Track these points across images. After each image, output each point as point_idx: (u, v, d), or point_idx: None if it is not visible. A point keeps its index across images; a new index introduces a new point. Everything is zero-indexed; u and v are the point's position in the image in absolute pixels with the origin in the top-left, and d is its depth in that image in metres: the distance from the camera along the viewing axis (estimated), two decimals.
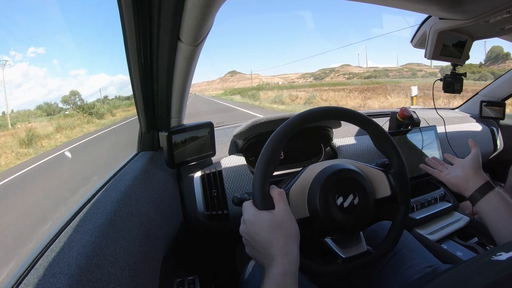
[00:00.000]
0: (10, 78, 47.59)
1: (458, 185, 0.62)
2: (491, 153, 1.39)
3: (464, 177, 0.61)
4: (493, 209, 0.54)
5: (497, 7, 0.60)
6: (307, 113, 0.52)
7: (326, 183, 0.51)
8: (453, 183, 0.64)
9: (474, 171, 0.61)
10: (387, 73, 31.44)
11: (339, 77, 37.42)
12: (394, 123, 1.10)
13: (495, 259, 0.32)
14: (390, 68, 34.50)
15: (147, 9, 0.46)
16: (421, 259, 0.60)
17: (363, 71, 36.17)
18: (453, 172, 0.65)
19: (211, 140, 0.85)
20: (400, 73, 30.79)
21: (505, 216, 0.52)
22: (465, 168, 0.62)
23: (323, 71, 42.77)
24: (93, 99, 31.90)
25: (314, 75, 42.49)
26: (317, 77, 41.00)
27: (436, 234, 0.89)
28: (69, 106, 24.64)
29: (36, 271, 0.37)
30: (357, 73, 36.21)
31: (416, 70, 30.43)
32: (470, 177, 0.60)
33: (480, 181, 0.59)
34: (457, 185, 0.62)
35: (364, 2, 0.59)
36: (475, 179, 0.59)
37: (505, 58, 21.63)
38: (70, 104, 25.73)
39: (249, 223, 0.44)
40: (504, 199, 0.55)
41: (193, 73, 0.63)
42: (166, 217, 0.71)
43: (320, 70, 43.56)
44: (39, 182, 5.14)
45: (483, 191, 0.57)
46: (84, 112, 16.76)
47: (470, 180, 0.60)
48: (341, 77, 36.84)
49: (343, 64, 44.02)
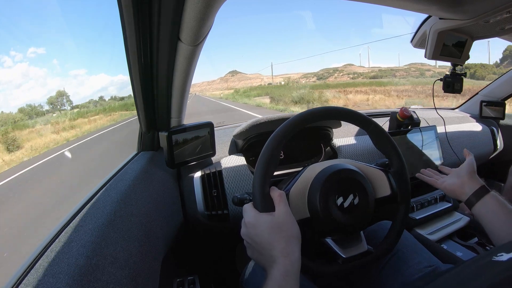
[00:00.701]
0: (10, 78, 47.55)
1: (455, 191, 0.64)
2: (491, 153, 1.39)
3: (460, 182, 0.63)
4: (490, 212, 0.55)
5: (497, 7, 0.60)
6: (307, 113, 0.52)
7: (326, 183, 0.51)
8: (449, 189, 0.66)
9: (470, 176, 0.62)
10: (394, 73, 30.51)
11: (343, 76, 36.48)
12: (394, 123, 1.10)
13: (496, 259, 0.32)
14: (396, 68, 33.26)
15: (147, 9, 0.46)
16: (421, 259, 0.60)
17: (368, 70, 35.16)
18: (449, 180, 0.67)
19: (211, 140, 0.85)
20: (408, 73, 29.74)
21: (502, 219, 0.53)
22: (461, 175, 0.64)
23: (326, 70, 41.92)
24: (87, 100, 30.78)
25: (317, 75, 41.61)
26: (320, 77, 40.17)
27: (436, 234, 0.89)
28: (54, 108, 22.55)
29: (36, 271, 0.37)
30: (361, 72, 35.21)
31: (424, 70, 29.19)
32: (466, 182, 0.62)
33: (475, 185, 0.60)
34: (453, 191, 0.64)
35: (364, 2, 0.59)
36: (471, 184, 0.61)
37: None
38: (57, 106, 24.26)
39: (250, 225, 0.44)
40: (500, 201, 0.55)
41: (193, 73, 0.63)
42: (166, 217, 0.71)
43: (323, 69, 42.76)
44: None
45: (479, 194, 0.58)
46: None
47: (466, 185, 0.61)
48: (346, 76, 35.93)
49: (346, 63, 43.10)
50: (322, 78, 39.38)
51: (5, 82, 49.12)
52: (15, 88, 53.18)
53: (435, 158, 1.12)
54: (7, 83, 49.32)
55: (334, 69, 41.57)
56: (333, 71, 40.84)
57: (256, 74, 54.73)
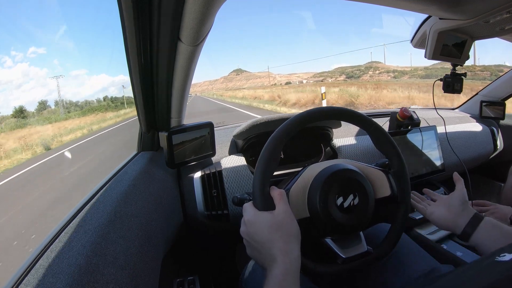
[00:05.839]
0: (10, 78, 47.46)
1: (448, 225, 0.60)
2: (491, 153, 1.39)
3: (452, 215, 0.59)
4: (487, 238, 0.53)
5: (497, 7, 0.60)
6: (307, 113, 0.52)
7: (326, 183, 0.51)
8: (439, 223, 0.61)
9: (462, 208, 0.59)
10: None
11: (381, 75, 32.74)
12: (394, 123, 1.10)
13: (499, 260, 0.32)
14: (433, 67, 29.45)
15: (147, 9, 0.46)
16: (419, 260, 0.60)
17: (410, 69, 30.50)
18: (438, 211, 0.62)
19: (211, 140, 0.85)
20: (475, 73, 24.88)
21: (500, 241, 0.51)
22: (452, 206, 0.60)
23: (357, 68, 38.96)
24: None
25: (346, 73, 38.66)
26: (350, 75, 37.25)
27: (436, 234, 0.89)
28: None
29: (36, 271, 0.37)
30: (401, 70, 31.36)
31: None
32: (458, 214, 0.58)
33: (469, 215, 0.57)
34: (446, 225, 0.60)
35: (364, 2, 0.59)
36: (465, 215, 0.57)
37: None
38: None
39: (250, 224, 0.44)
40: (495, 225, 0.54)
41: (193, 73, 0.63)
42: (166, 217, 0.71)
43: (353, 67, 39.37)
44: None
45: (474, 224, 0.55)
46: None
47: (459, 217, 0.58)
48: (385, 75, 32.12)
49: (371, 61, 39.39)
50: (354, 76, 36.69)
51: (5, 82, 48.86)
52: (15, 88, 53.17)
53: (435, 158, 1.12)
54: (7, 83, 49.08)
55: (367, 66, 38.12)
56: (365, 68, 37.79)
57: (265, 72, 52.97)
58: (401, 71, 31.29)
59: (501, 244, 0.52)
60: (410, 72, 29.02)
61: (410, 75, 27.87)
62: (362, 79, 33.93)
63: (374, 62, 38.85)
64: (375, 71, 35.56)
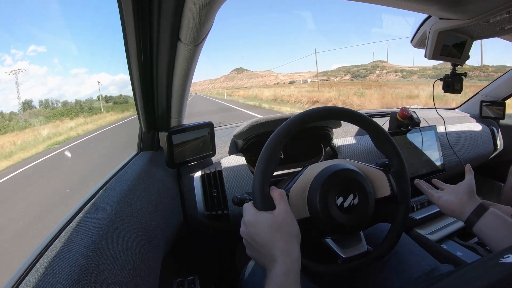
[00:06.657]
0: (10, 77, 47.29)
1: (454, 210, 0.62)
2: (491, 153, 1.39)
3: (459, 202, 0.61)
4: (490, 229, 0.55)
5: (497, 7, 0.60)
6: (307, 113, 0.52)
7: (326, 183, 0.51)
8: (447, 207, 0.63)
9: (469, 196, 0.61)
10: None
11: (388, 74, 32.19)
12: (394, 123, 1.10)
13: (503, 261, 0.32)
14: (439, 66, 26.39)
15: (147, 9, 0.46)
16: (419, 259, 0.60)
17: (418, 68, 29.89)
18: (446, 196, 0.64)
19: (211, 140, 0.85)
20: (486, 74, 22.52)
21: (503, 233, 0.53)
22: (460, 194, 0.62)
23: (362, 67, 38.16)
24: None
25: (352, 72, 37.56)
26: (356, 75, 36.45)
27: (436, 234, 0.89)
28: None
29: (36, 271, 0.37)
30: (409, 70, 30.62)
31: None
32: (465, 202, 0.60)
33: (475, 204, 0.59)
34: (452, 210, 0.62)
35: (365, 2, 0.59)
36: (471, 204, 0.59)
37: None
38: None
39: (250, 224, 0.44)
40: (499, 216, 0.55)
41: (193, 73, 0.63)
42: (166, 217, 0.71)
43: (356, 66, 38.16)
44: None
45: (479, 213, 0.57)
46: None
47: (466, 205, 0.60)
48: (392, 74, 31.61)
49: (375, 60, 38.70)
50: (360, 76, 35.80)
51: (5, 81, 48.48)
52: (15, 87, 53.01)
53: (435, 158, 1.12)
54: (6, 83, 48.66)
55: (374, 65, 37.21)
56: (371, 67, 36.89)
57: (267, 71, 52.45)
58: (409, 71, 30.29)
59: (503, 235, 0.52)
60: (419, 72, 28.03)
61: (420, 75, 27.06)
62: (369, 79, 32.87)
63: (379, 61, 37.75)
64: (382, 70, 34.56)
